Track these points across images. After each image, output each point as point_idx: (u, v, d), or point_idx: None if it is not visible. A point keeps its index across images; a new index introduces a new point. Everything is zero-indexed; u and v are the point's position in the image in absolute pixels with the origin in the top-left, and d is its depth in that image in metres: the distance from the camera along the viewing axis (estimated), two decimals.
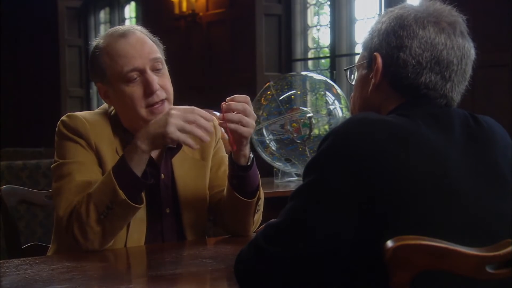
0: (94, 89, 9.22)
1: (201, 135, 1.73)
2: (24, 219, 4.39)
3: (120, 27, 1.88)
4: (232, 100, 1.80)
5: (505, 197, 1.25)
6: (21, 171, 4.43)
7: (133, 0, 8.61)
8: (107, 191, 1.70)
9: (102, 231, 1.72)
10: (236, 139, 1.81)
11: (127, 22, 8.81)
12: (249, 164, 1.85)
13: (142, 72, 1.80)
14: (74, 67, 9.05)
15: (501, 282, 1.11)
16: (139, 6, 8.35)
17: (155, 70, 1.83)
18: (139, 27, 1.89)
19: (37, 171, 4.45)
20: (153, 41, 1.87)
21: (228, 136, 1.82)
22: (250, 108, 1.80)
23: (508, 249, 1.05)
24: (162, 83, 1.83)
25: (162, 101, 1.82)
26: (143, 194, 1.76)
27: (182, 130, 1.71)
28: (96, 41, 1.88)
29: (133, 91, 1.80)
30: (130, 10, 8.81)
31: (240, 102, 1.79)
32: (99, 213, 1.70)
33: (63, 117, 1.86)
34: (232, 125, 1.77)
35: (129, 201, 1.70)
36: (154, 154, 1.89)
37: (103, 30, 9.11)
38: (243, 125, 1.78)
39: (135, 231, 1.82)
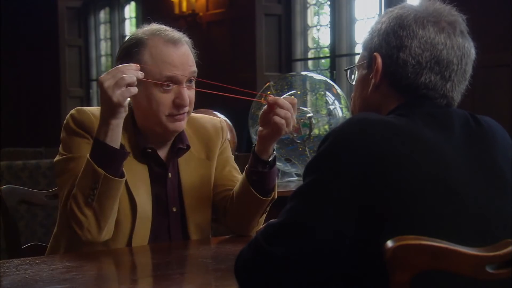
0: (94, 89, 9.23)
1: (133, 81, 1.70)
2: (24, 219, 4.38)
3: (169, 31, 1.86)
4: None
5: (505, 197, 1.25)
6: (21, 171, 4.43)
7: (133, 0, 8.61)
8: (88, 173, 1.72)
9: (94, 214, 1.73)
10: (270, 133, 1.83)
11: (127, 22, 8.81)
12: (270, 160, 1.87)
13: (177, 83, 1.82)
14: (74, 67, 9.06)
15: (501, 282, 1.11)
16: (139, 6, 8.36)
17: (189, 82, 1.85)
18: (187, 38, 1.89)
19: (37, 171, 4.44)
20: (193, 54, 1.89)
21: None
22: (292, 112, 1.81)
23: (508, 249, 1.05)
24: (191, 97, 1.86)
25: (184, 113, 1.86)
26: (124, 170, 1.76)
27: (119, 87, 1.67)
28: (137, 34, 1.87)
29: (163, 98, 1.81)
30: (130, 10, 8.82)
31: (288, 102, 1.81)
32: (85, 197, 1.72)
33: (72, 111, 1.88)
34: (277, 118, 1.79)
35: (109, 176, 1.71)
36: (163, 154, 1.92)
37: (103, 30, 9.12)
38: (286, 124, 1.80)
39: (140, 229, 1.83)
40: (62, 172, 1.82)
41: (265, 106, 1.83)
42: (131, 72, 1.70)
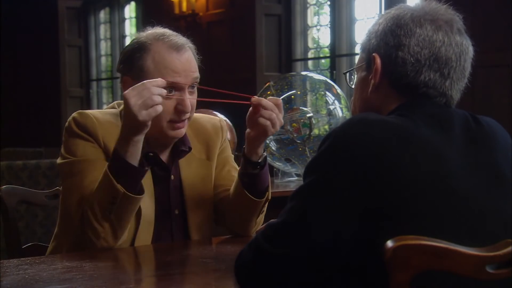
0: (94, 89, 9.22)
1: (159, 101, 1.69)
2: (24, 219, 4.39)
3: (172, 36, 1.84)
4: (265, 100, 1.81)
5: (505, 197, 1.26)
6: (21, 171, 4.43)
7: (133, 0, 8.61)
8: (106, 187, 1.71)
9: (111, 226, 1.74)
10: (256, 134, 1.82)
11: (127, 22, 8.81)
12: (259, 161, 1.86)
13: (180, 89, 1.81)
14: (74, 67, 9.06)
15: (501, 282, 1.11)
16: (139, 6, 8.35)
17: (191, 87, 1.84)
18: (191, 44, 1.88)
19: (37, 171, 4.45)
20: (196, 59, 1.87)
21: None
22: (277, 111, 1.80)
23: (508, 249, 1.05)
24: (193, 103, 1.84)
25: (185, 119, 1.84)
26: (144, 185, 1.76)
27: (146, 107, 1.67)
28: (139, 38, 1.85)
29: (165, 104, 1.78)
30: (130, 10, 8.81)
31: (272, 103, 1.80)
32: (103, 209, 1.72)
33: (74, 114, 1.86)
34: (262, 120, 1.78)
35: (129, 193, 1.71)
36: (164, 157, 1.91)
37: (103, 30, 9.12)
38: (272, 125, 1.79)
39: (142, 232, 1.83)
40: (68, 175, 1.82)
41: (251, 108, 1.82)
42: (157, 90, 1.68)
